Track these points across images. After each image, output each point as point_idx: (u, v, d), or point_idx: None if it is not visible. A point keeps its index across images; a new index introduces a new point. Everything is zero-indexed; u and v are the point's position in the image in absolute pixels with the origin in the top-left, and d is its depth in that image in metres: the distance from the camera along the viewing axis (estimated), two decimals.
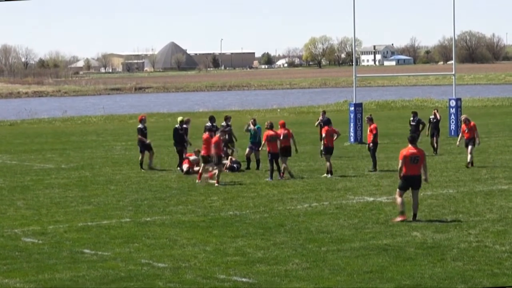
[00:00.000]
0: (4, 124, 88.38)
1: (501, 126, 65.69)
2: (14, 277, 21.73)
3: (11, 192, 37.27)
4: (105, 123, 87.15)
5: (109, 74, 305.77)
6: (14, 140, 68.04)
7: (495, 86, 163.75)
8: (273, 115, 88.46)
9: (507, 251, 23.26)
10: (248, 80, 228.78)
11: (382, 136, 53.33)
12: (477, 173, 39.28)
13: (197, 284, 20.49)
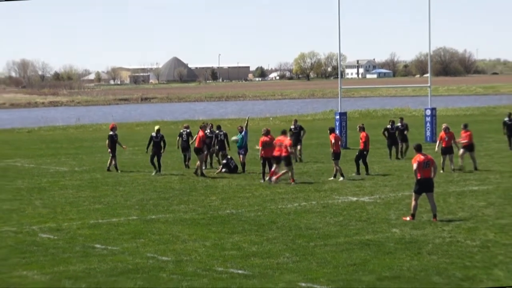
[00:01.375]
0: (23, 131, 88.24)
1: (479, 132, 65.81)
2: (32, 269, 21.76)
3: (29, 193, 37.25)
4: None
5: (117, 85, 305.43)
6: (32, 145, 67.95)
7: (467, 97, 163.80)
8: (266, 123, 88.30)
9: (478, 246, 23.32)
10: (244, 91, 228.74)
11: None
12: (450, 176, 39.34)
13: (197, 275, 20.50)
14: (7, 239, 26.22)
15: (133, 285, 19.71)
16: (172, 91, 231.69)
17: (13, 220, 30.08)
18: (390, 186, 36.69)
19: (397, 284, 19.16)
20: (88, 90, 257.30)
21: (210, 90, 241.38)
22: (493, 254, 22.17)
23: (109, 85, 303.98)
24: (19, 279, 20.76)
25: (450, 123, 46.72)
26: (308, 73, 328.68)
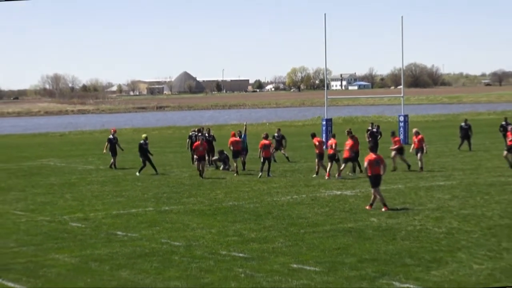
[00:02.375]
0: (55, 135, 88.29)
1: (439, 136, 65.73)
2: (63, 253, 21.79)
3: (60, 188, 37.25)
4: (133, 134, 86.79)
5: (136, 96, 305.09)
6: (63, 147, 67.95)
7: (434, 105, 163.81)
8: (263, 128, 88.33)
9: (443, 232, 23.34)
10: (244, 100, 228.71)
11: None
12: (420, 173, 39.31)
13: (204, 258, 20.51)
14: (42, 227, 26.23)
15: (150, 266, 19.71)
16: (183, 101, 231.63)
17: (47, 211, 30.10)
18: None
19: (375, 266, 19.16)
20: (111, 100, 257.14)
21: (215, 100, 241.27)
22: (457, 240, 22.17)
23: (129, 96, 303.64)
24: (52, 261, 20.77)
25: (420, 128, 46.82)
26: (299, 85, 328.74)
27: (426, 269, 18.64)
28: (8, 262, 20.73)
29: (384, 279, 17.76)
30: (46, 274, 19.24)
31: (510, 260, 19.45)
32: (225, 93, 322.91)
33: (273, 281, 17.88)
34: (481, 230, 23.52)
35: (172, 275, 18.76)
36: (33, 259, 21.06)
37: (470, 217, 25.89)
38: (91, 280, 18.45)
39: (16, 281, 18.59)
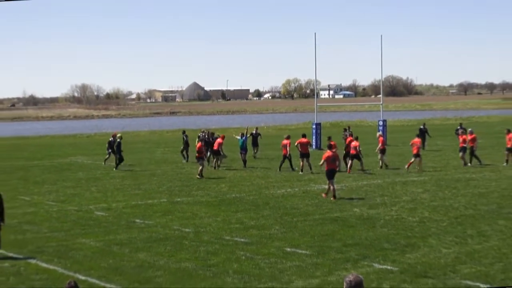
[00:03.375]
0: (83, 136, 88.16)
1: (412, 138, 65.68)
2: (89, 237, 21.79)
3: (87, 182, 37.25)
4: (149, 135, 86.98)
5: (152, 103, 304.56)
6: (89, 147, 67.98)
7: (409, 112, 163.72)
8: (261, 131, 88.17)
9: (416, 221, 23.35)
10: (245, 107, 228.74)
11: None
12: (397, 169, 39.33)
13: (211, 243, 20.52)
14: (70, 216, 26.24)
15: (164, 250, 19.71)
16: (192, 107, 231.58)
17: (75, 201, 30.10)
18: (352, 177, 36.69)
19: (357, 249, 19.16)
20: (130, 106, 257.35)
21: (220, 106, 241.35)
22: (428, 227, 22.18)
23: (146, 103, 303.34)
24: (79, 245, 20.77)
25: (396, 131, 46.84)
26: (293, 94, 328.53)
27: (402, 253, 18.66)
28: (42, 245, 20.75)
29: (366, 261, 17.76)
30: (74, 256, 19.26)
31: (473, 245, 19.47)
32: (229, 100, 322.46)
33: (269, 262, 17.88)
34: (449, 219, 23.54)
35: (183, 257, 18.77)
36: (63, 243, 21.08)
37: (439, 208, 25.91)
38: (113, 261, 18.46)
39: (49, 262, 18.61)
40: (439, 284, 15.42)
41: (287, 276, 16.45)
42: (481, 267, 16.86)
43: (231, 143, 51.59)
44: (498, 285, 15.15)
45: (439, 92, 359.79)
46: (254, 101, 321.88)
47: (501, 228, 21.78)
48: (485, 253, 18.40)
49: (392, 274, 16.44)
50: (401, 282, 15.70)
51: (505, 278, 15.81)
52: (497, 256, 17.99)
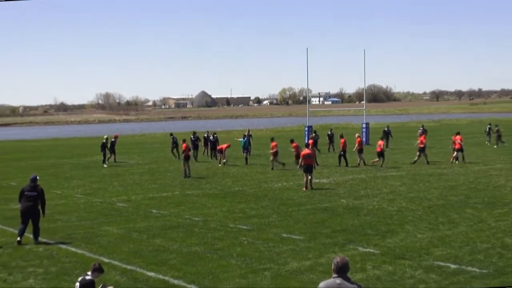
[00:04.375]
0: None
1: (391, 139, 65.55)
2: (112, 225, 21.79)
3: (110, 177, 37.28)
4: (164, 137, 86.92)
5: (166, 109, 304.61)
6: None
7: (388, 116, 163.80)
8: (261, 133, 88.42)
9: (395, 210, 23.33)
10: (246, 112, 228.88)
11: (322, 144, 53.41)
12: (377, 166, 39.31)
13: (217, 230, 20.51)
14: (96, 207, 26.24)
15: (176, 236, 19.71)
16: (201, 112, 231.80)
17: (100, 194, 30.11)
18: (339, 173, 36.69)
19: (344, 235, 19.16)
20: (147, 111, 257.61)
21: (225, 112, 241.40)
22: (405, 216, 22.17)
23: (161, 109, 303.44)
24: (104, 232, 20.77)
25: (377, 132, 46.83)
26: (288, 101, 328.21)
27: (382, 238, 18.65)
28: (71, 233, 20.75)
29: (351, 245, 17.76)
30: (99, 241, 19.27)
31: (444, 230, 19.46)
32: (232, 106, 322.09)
33: (268, 246, 17.88)
34: (423, 209, 23.54)
35: (193, 242, 18.77)
36: (89, 230, 21.09)
37: (415, 199, 25.90)
38: (133, 246, 18.45)
39: (77, 247, 18.61)
40: (414, 265, 15.42)
41: (283, 258, 16.46)
42: (451, 250, 16.86)
43: (234, 144, 51.57)
44: (466, 265, 15.17)
45: (414, 98, 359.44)
46: (255, 107, 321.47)
47: (468, 216, 21.78)
48: (455, 237, 18.40)
49: (374, 256, 16.44)
50: (382, 263, 15.70)
51: (472, 259, 15.81)
52: (465, 240, 17.99)
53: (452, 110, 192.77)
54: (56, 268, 16.21)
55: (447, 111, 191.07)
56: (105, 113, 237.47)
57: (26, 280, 15.19)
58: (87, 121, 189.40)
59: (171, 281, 14.64)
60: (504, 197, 25.76)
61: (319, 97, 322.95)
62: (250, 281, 14.46)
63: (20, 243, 18.98)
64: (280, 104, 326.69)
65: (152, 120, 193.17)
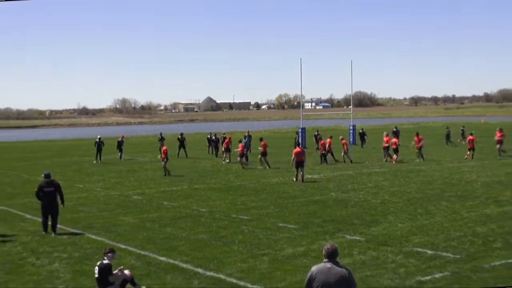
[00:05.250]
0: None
1: (374, 139, 65.45)
2: (128, 216, 21.79)
3: (126, 173, 37.26)
4: (173, 137, 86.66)
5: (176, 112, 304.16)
6: (128, 146, 67.58)
7: (373, 119, 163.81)
8: (261, 134, 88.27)
9: (379, 203, 23.32)
10: (247, 115, 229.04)
11: (311, 144, 53.36)
12: (363, 163, 39.31)
13: (221, 219, 20.51)
14: (114, 199, 26.24)
15: (185, 225, 19.71)
16: (207, 116, 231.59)
17: (117, 188, 30.09)
18: (330, 169, 36.68)
19: (334, 224, 19.15)
20: (159, 115, 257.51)
21: (228, 115, 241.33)
22: (388, 207, 22.18)
23: (171, 112, 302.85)
24: (121, 221, 20.77)
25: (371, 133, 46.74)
26: (284, 105, 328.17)
27: (367, 227, 18.65)
28: (92, 222, 20.74)
29: (340, 234, 17.75)
30: (117, 230, 19.26)
31: (422, 220, 19.46)
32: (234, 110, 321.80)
33: (266, 234, 17.87)
34: (404, 201, 23.53)
35: (200, 230, 18.76)
36: (108, 220, 21.08)
37: (396, 192, 25.90)
38: (147, 234, 18.45)
39: (97, 235, 18.61)
40: (396, 251, 15.42)
41: (280, 245, 16.45)
42: (428, 238, 16.85)
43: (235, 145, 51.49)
44: (441, 251, 15.17)
45: (396, 103, 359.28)
46: (254, 111, 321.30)
47: (443, 208, 21.79)
48: (431, 227, 18.40)
49: (360, 243, 16.43)
50: (367, 249, 15.70)
51: (447, 246, 15.80)
52: (440, 229, 17.99)
53: (429, 114, 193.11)
54: (79, 253, 16.21)
55: (424, 114, 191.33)
56: (122, 116, 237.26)
57: (52, 264, 15.21)
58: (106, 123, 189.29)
59: (180, 265, 14.64)
60: (475, 191, 25.76)
61: (312, 102, 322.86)
62: (251, 265, 14.45)
63: (46, 233, 18.96)
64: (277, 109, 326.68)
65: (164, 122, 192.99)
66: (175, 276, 13.65)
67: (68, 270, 14.51)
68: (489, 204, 22.37)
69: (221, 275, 13.62)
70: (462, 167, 35.83)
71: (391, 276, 13.18)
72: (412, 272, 13.44)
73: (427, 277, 12.99)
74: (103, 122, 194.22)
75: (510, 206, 21.72)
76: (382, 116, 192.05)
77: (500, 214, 20.30)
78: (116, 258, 13.00)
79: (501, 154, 41.38)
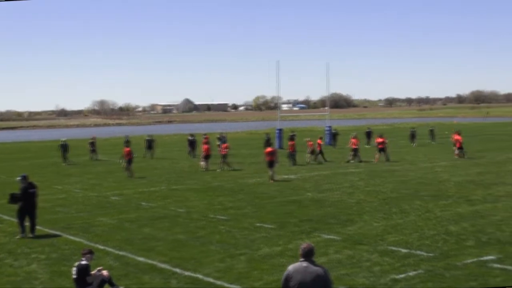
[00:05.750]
0: (101, 139, 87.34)
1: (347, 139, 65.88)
2: (106, 216, 21.65)
3: (105, 174, 37.10)
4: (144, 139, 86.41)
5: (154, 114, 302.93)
6: (106, 147, 67.47)
7: (348, 120, 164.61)
8: (238, 135, 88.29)
9: (354, 202, 23.42)
10: (225, 117, 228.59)
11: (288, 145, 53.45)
12: (338, 163, 39.49)
13: (199, 220, 20.46)
14: (92, 200, 26.04)
15: (163, 225, 19.61)
16: (185, 117, 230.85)
17: (96, 189, 29.88)
18: (305, 169, 36.76)
19: (310, 224, 19.19)
20: (138, 116, 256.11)
21: (206, 116, 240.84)
22: (363, 207, 22.27)
23: (149, 114, 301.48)
24: (99, 222, 20.61)
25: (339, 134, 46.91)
26: (261, 107, 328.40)
27: (343, 226, 18.71)
28: (70, 223, 20.56)
29: (316, 233, 17.79)
30: (95, 231, 19.11)
31: (397, 219, 19.58)
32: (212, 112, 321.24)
33: (243, 234, 17.86)
34: (379, 201, 23.66)
35: (178, 231, 18.69)
36: (86, 221, 20.91)
37: (372, 192, 26.03)
38: (125, 234, 18.33)
39: (76, 236, 18.45)
40: (371, 249, 15.49)
41: (257, 245, 16.44)
42: (402, 236, 16.96)
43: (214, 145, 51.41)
44: (415, 249, 15.27)
45: (371, 105, 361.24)
46: (232, 112, 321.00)
47: (417, 207, 21.94)
48: (406, 225, 18.52)
49: (336, 242, 16.48)
50: (342, 248, 15.75)
51: (420, 244, 15.92)
52: (414, 228, 18.11)
53: (403, 115, 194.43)
54: (57, 254, 16.06)
55: (399, 116, 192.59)
56: (100, 117, 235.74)
57: (30, 265, 15.05)
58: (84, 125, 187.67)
59: (158, 265, 14.56)
60: (448, 191, 25.99)
61: (288, 104, 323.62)
62: (228, 264, 14.43)
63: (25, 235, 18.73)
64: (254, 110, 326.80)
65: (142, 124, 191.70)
66: (153, 276, 13.58)
67: (46, 271, 14.36)
68: (461, 203, 22.59)
69: (199, 275, 13.58)
70: (435, 167, 36.13)
71: (366, 274, 13.24)
72: (387, 270, 13.52)
73: (401, 275, 13.07)
74: (82, 124, 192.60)
75: (481, 205, 21.96)
76: (358, 117, 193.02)
77: (472, 213, 20.50)
78: (94, 259, 12.90)
79: (459, 154, 41.61)
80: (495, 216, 19.78)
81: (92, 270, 12.35)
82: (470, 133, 71.42)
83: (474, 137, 64.08)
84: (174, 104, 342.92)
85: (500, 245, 15.67)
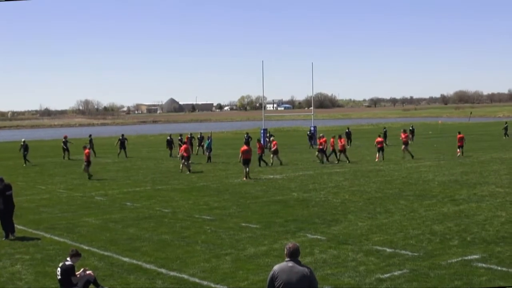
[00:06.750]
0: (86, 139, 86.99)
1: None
2: (91, 217, 21.52)
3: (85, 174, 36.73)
4: (137, 139, 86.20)
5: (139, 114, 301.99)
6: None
7: (333, 120, 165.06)
8: (223, 135, 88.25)
9: (339, 202, 23.47)
10: (210, 117, 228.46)
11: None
12: (325, 164, 39.54)
13: (184, 220, 20.40)
14: (76, 200, 25.89)
15: (148, 226, 19.54)
16: (170, 117, 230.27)
17: (80, 189, 29.71)
18: (291, 169, 36.79)
19: (295, 224, 19.20)
20: (122, 116, 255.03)
21: (191, 116, 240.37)
22: (348, 207, 22.33)
23: (134, 114, 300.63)
24: (83, 222, 20.50)
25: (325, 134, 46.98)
26: (246, 107, 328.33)
27: (328, 226, 18.75)
28: (54, 223, 20.43)
29: (301, 233, 17.81)
30: (80, 231, 19.01)
31: (382, 219, 19.65)
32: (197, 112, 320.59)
33: (229, 234, 17.83)
34: (364, 200, 23.74)
35: (163, 231, 18.63)
36: (71, 221, 20.78)
37: (356, 192, 26.11)
38: (110, 235, 18.24)
39: (60, 236, 18.34)
40: (356, 249, 15.53)
41: (242, 245, 16.43)
42: (387, 236, 17.02)
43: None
44: (400, 249, 15.33)
45: (356, 105, 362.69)
46: (217, 112, 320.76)
47: (402, 207, 22.04)
48: (390, 225, 18.59)
49: (321, 242, 16.51)
50: (328, 248, 15.78)
51: (405, 244, 15.98)
52: (399, 228, 18.19)
53: (388, 115, 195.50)
54: (41, 255, 15.94)
55: (383, 116, 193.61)
56: (85, 117, 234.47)
57: (14, 266, 14.93)
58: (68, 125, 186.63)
59: (143, 265, 14.51)
60: (432, 190, 26.13)
61: (273, 104, 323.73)
62: (213, 264, 14.40)
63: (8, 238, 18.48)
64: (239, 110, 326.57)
65: (127, 124, 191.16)
66: (138, 277, 13.53)
67: (30, 272, 14.25)
68: (446, 202, 22.72)
69: (184, 275, 13.55)
70: (419, 166, 36.33)
71: (351, 274, 13.27)
72: (372, 270, 13.56)
73: (386, 275, 13.11)
74: (66, 123, 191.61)
75: (466, 205, 22.10)
76: (342, 117, 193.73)
77: (457, 212, 20.63)
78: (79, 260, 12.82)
79: (405, 153, 42.23)
80: (480, 215, 19.92)
81: (77, 271, 12.28)
82: (455, 134, 71.86)
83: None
84: (159, 104, 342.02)
85: (484, 244, 15.78)
